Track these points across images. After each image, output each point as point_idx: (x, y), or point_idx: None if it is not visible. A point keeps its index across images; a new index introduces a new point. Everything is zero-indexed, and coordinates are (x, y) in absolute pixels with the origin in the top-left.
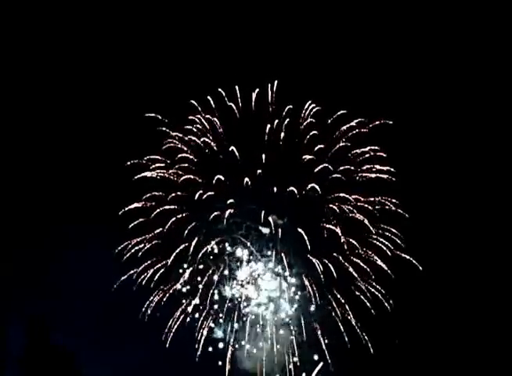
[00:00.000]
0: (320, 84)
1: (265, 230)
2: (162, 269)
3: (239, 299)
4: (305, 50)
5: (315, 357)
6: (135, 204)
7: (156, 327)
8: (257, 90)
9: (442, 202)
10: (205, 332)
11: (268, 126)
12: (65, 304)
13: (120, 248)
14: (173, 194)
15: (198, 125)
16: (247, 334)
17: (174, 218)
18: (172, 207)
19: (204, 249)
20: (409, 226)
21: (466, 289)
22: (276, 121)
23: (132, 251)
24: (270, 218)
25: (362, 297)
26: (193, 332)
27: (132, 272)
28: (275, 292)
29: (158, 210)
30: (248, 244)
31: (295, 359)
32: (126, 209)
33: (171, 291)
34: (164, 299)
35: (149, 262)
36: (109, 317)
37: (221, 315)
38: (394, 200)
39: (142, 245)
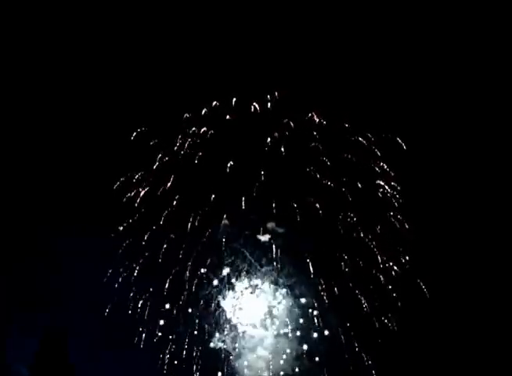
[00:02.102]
0: (323, 95)
1: (264, 238)
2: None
3: (239, 309)
4: (308, 60)
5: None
6: (127, 223)
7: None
8: (256, 102)
9: (452, 224)
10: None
11: (268, 139)
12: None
13: (111, 271)
14: (166, 212)
15: (193, 139)
16: (246, 344)
17: (168, 238)
18: (166, 225)
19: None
20: (415, 247)
21: (475, 314)
22: (276, 133)
23: (124, 274)
24: (268, 226)
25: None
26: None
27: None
28: (275, 303)
29: (151, 229)
30: (247, 254)
31: (295, 369)
32: (118, 229)
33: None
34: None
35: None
36: (107, 334)
37: (219, 325)
38: (400, 218)
39: (136, 268)
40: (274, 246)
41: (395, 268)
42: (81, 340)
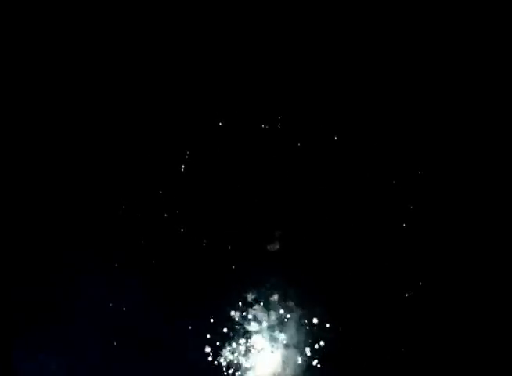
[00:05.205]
0: (324, 111)
1: (271, 248)
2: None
3: (247, 320)
4: (308, 74)
5: None
6: (127, 243)
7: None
8: (256, 119)
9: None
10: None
11: (268, 160)
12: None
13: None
14: (166, 230)
15: (197, 157)
16: (256, 355)
17: (173, 252)
18: (170, 240)
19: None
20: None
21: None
22: (278, 151)
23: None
24: (276, 234)
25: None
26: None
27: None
28: (283, 313)
29: (155, 246)
30: (254, 263)
31: None
32: (122, 247)
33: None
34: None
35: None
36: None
37: (226, 335)
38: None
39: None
40: (282, 255)
41: (396, 270)
42: (84, 352)
